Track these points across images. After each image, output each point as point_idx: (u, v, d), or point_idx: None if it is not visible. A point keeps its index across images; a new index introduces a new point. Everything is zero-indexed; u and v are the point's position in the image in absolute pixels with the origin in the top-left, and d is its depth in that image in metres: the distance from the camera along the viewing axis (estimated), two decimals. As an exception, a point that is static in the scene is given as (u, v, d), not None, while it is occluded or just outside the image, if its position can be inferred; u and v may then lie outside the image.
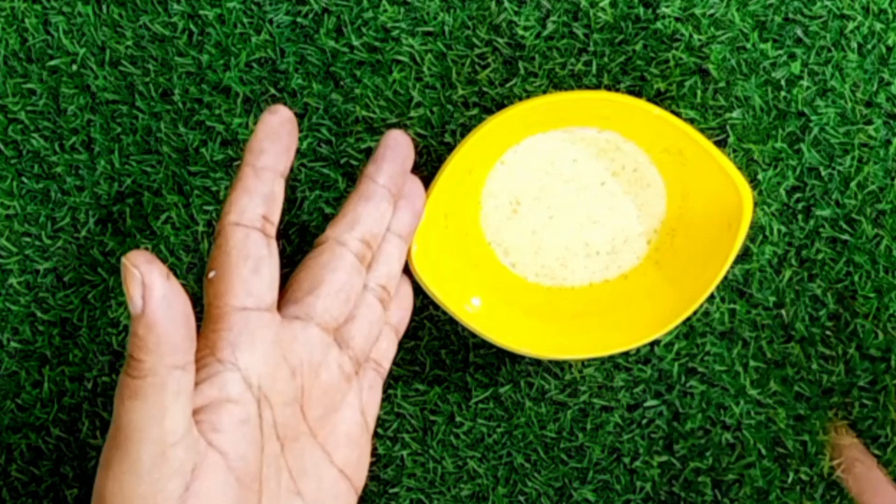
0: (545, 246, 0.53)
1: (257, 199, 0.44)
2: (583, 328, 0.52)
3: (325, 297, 0.45)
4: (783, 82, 0.52)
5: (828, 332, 0.53)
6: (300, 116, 0.53)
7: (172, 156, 0.53)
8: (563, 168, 0.52)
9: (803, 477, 0.54)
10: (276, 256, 0.44)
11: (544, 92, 0.52)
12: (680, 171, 0.51)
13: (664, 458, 0.55)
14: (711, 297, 0.53)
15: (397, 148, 0.48)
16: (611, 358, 0.54)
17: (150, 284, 0.38)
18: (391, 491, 0.55)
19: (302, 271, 0.46)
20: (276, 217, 0.44)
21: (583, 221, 0.52)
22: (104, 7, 0.52)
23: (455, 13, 0.52)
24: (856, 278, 0.53)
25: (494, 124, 0.48)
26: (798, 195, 0.53)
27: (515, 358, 0.54)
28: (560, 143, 0.51)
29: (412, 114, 0.52)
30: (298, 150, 0.53)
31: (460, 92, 0.52)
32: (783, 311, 0.53)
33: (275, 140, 0.44)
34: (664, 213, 0.52)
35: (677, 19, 0.51)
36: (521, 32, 0.52)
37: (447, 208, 0.50)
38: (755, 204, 0.52)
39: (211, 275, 0.43)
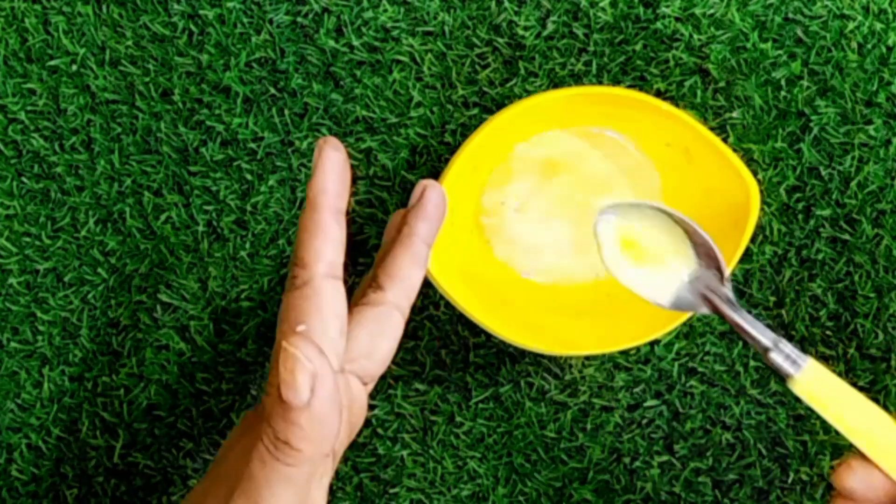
0: (548, 243, 0.52)
1: (338, 245, 0.42)
2: (587, 325, 0.52)
3: (376, 363, 0.45)
4: (783, 82, 0.52)
5: (828, 332, 0.53)
6: (300, 116, 0.53)
7: (172, 156, 0.53)
8: (567, 165, 0.52)
9: (803, 477, 0.54)
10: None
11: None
12: (685, 170, 0.51)
13: (664, 458, 0.55)
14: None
15: (441, 206, 0.47)
16: (611, 358, 0.54)
17: (322, 377, 0.37)
18: (391, 491, 0.55)
19: (359, 328, 0.44)
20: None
21: (586, 218, 0.52)
22: (104, 7, 0.52)
23: (455, 13, 0.52)
24: (856, 278, 0.53)
25: (498, 123, 0.48)
26: (798, 195, 0.53)
27: (515, 358, 0.54)
28: (563, 140, 0.51)
29: (412, 114, 0.52)
30: (299, 151, 0.53)
31: (460, 92, 0.52)
32: (783, 311, 0.53)
33: (342, 178, 0.43)
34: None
35: (677, 19, 0.51)
36: (521, 32, 0.52)
37: (452, 205, 0.50)
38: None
39: (301, 328, 0.41)
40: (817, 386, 0.39)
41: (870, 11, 0.51)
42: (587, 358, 0.54)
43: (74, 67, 0.52)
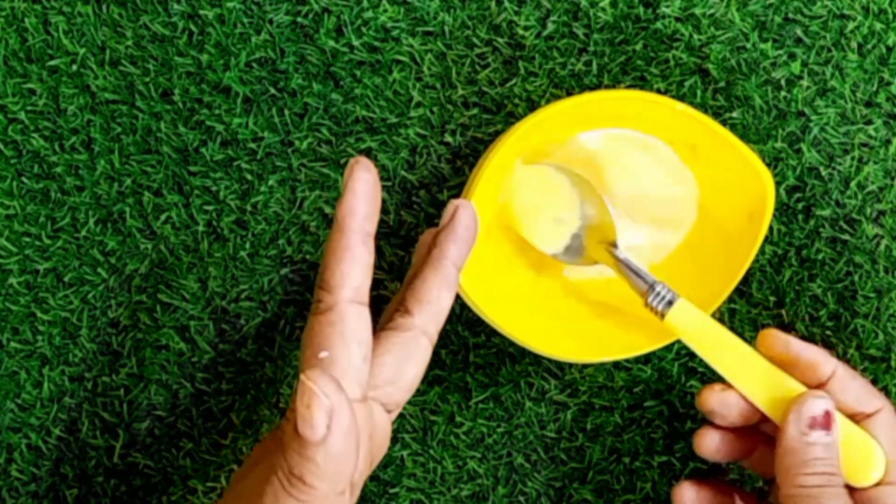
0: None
1: (365, 269, 0.41)
2: (606, 328, 0.51)
3: (401, 390, 0.43)
4: (783, 82, 0.52)
5: (828, 332, 0.53)
6: (300, 116, 0.53)
7: (172, 156, 0.53)
8: (587, 168, 0.51)
9: (803, 477, 0.54)
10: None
11: (544, 92, 0.52)
12: (691, 167, 0.50)
13: (664, 458, 0.55)
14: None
15: (472, 228, 0.45)
16: (611, 358, 0.54)
17: (340, 413, 0.37)
18: (391, 491, 0.55)
19: (386, 354, 0.43)
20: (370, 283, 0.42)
21: (614, 219, 0.52)
22: (104, 7, 0.52)
23: (455, 13, 0.52)
24: (856, 278, 0.53)
25: (523, 131, 0.47)
26: (798, 195, 0.53)
27: (515, 358, 0.54)
28: (586, 142, 0.51)
29: (412, 114, 0.52)
30: (299, 151, 0.53)
31: (460, 92, 0.52)
32: (783, 311, 0.53)
33: (372, 200, 0.41)
34: (695, 211, 0.52)
35: (677, 19, 0.51)
36: (521, 32, 0.52)
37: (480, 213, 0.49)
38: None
39: (323, 355, 0.40)
40: (685, 321, 0.47)
41: (870, 11, 0.51)
42: (613, 360, 0.54)
43: (74, 67, 0.52)
